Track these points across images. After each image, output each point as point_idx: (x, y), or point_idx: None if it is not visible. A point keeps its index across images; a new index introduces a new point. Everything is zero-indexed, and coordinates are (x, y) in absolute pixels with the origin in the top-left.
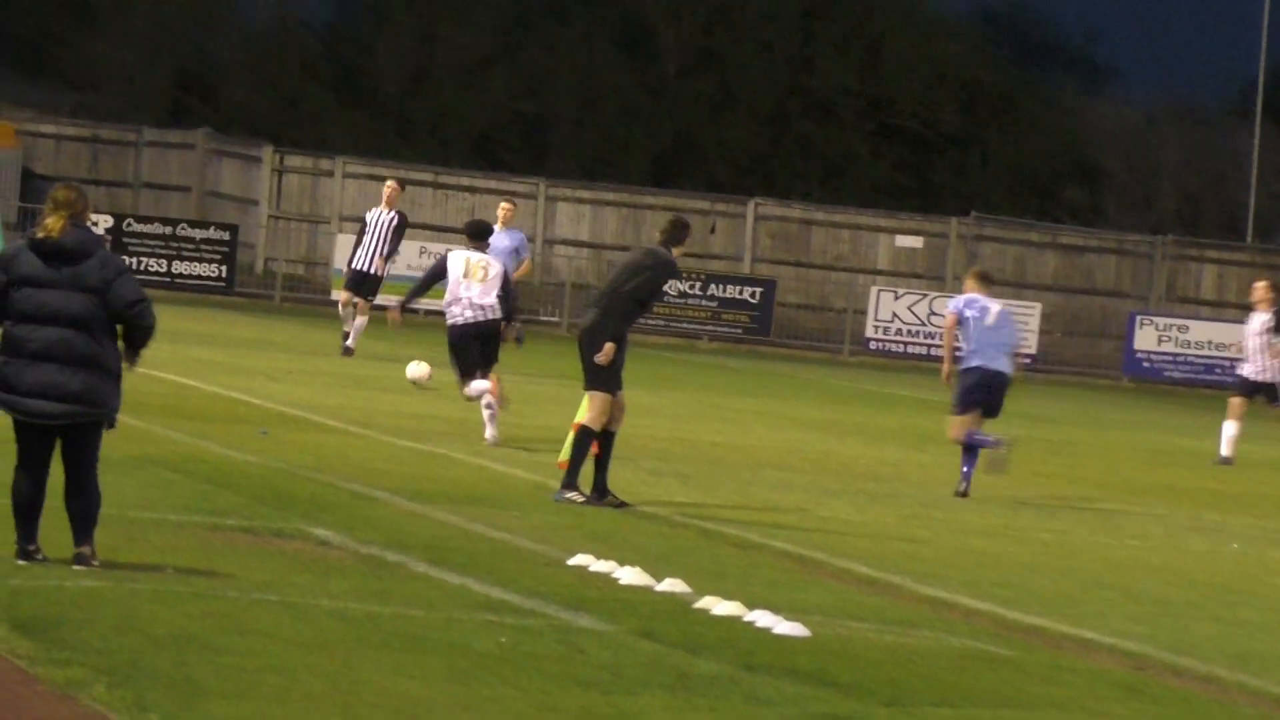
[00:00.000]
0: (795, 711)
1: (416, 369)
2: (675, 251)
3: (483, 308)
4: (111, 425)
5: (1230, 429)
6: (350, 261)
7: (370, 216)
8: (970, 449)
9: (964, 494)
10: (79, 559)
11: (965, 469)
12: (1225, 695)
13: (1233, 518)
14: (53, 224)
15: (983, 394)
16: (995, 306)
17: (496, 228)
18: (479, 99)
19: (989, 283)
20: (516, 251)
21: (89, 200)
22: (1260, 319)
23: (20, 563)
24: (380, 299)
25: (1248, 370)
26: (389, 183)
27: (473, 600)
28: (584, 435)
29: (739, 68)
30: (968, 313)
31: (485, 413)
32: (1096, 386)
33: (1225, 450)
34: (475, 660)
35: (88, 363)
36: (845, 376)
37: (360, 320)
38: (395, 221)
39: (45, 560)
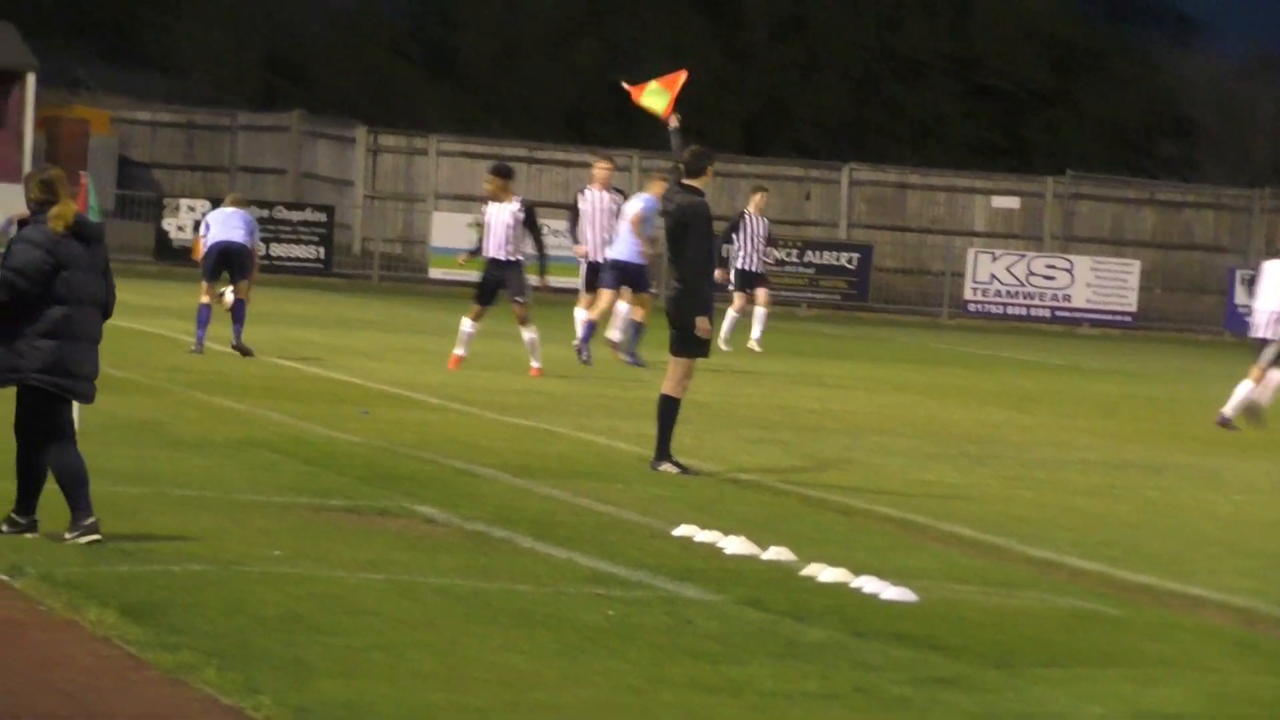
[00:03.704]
0: (904, 676)
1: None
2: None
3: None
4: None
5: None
6: (593, 255)
7: (586, 202)
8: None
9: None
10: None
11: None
12: None
13: None
14: (72, 209)
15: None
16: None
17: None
18: (568, 71)
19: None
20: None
21: None
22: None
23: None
24: None
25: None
26: (601, 162)
27: (579, 574)
28: (670, 404)
29: (827, 31)
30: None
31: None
32: (1197, 342)
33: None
34: (583, 634)
35: None
36: (944, 339)
37: (625, 308)
38: (621, 204)
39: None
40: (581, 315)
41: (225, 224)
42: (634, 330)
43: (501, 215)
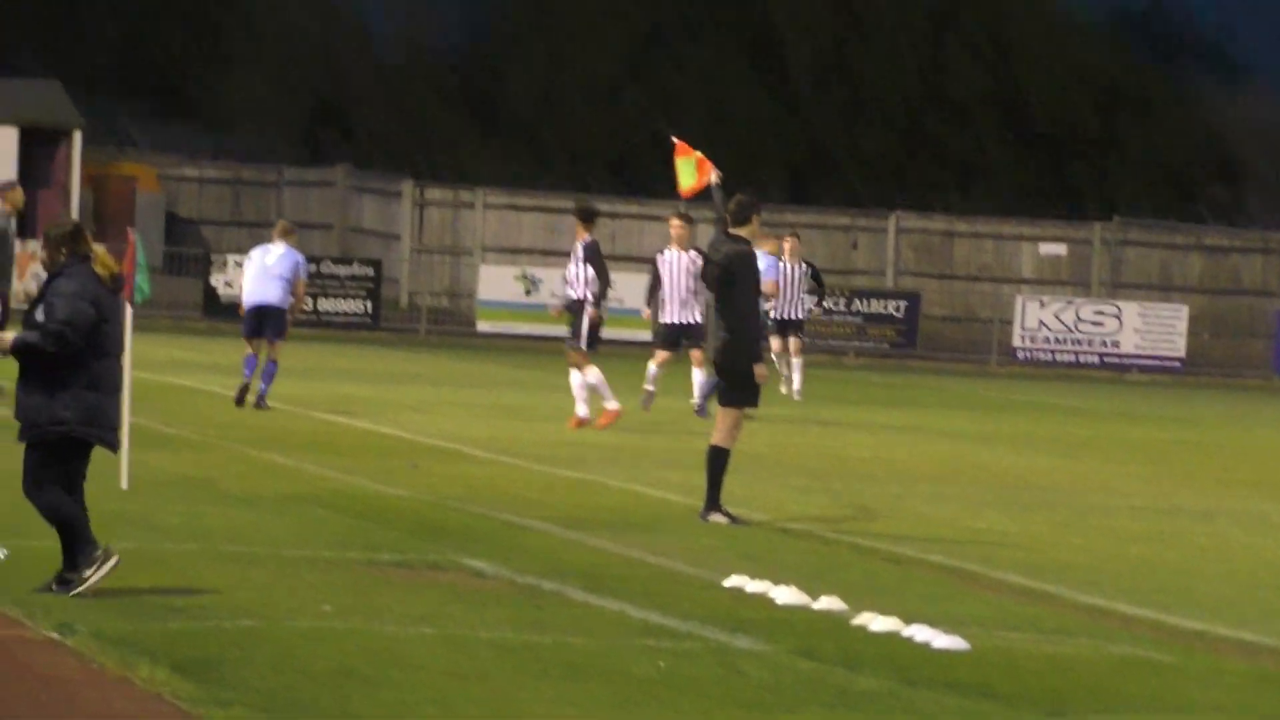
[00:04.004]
0: None
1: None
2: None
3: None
4: None
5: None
6: (657, 315)
7: (665, 263)
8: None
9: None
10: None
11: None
12: None
13: None
14: (110, 257)
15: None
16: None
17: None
18: (613, 120)
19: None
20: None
21: None
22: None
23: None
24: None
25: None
26: (677, 221)
27: (630, 626)
28: (720, 455)
29: (871, 77)
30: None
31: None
32: (1247, 387)
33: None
34: (635, 686)
35: None
36: (994, 387)
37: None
38: (701, 264)
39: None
40: (654, 371)
41: (261, 278)
42: (709, 387)
43: (573, 254)
